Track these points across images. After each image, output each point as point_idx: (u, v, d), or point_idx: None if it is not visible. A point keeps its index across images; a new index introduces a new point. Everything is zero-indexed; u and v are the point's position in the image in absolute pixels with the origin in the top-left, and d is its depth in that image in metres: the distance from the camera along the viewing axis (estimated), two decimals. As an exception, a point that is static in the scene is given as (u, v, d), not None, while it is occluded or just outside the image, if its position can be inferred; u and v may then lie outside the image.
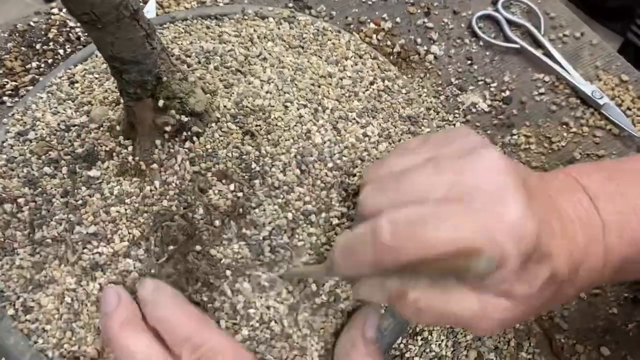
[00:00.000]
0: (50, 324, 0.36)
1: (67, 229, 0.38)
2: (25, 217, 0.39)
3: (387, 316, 0.38)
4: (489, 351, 0.43)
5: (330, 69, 0.46)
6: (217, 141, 0.39)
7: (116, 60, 0.34)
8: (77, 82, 0.47)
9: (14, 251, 0.39)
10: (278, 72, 0.44)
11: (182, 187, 0.37)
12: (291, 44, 0.48)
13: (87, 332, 0.36)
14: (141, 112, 0.38)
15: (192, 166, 0.38)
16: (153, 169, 0.38)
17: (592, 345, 0.45)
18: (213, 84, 0.42)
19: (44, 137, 0.42)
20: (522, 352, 0.44)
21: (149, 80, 0.36)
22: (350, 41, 0.49)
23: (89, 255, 0.37)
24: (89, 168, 0.40)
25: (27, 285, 0.37)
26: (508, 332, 0.44)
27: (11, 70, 0.60)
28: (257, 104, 0.41)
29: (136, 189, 0.38)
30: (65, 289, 0.37)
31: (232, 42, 0.47)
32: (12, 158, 0.42)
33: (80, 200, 0.39)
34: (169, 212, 0.37)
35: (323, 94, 0.43)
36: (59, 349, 0.36)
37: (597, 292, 0.47)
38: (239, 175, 0.38)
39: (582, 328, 0.45)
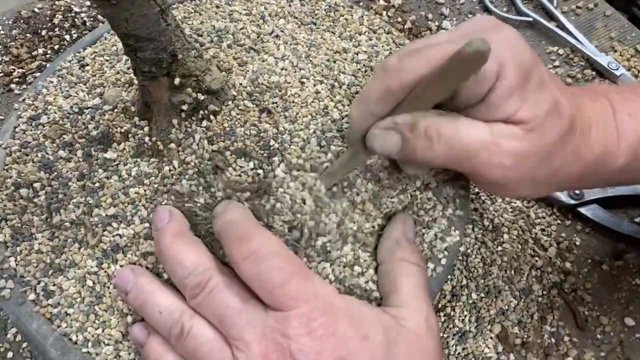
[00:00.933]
0: (72, 307, 0.36)
1: (86, 212, 0.37)
2: (42, 202, 0.39)
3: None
4: (512, 325, 0.43)
5: (344, 44, 0.45)
6: (234, 119, 0.38)
7: (130, 38, 0.34)
8: (87, 65, 0.46)
9: (32, 236, 0.38)
10: (292, 49, 0.43)
11: (201, 166, 0.37)
12: (303, 21, 0.47)
13: (110, 315, 0.35)
14: (157, 92, 0.37)
15: (210, 145, 0.37)
16: (171, 149, 0.37)
17: (616, 316, 0.44)
18: (227, 62, 0.41)
19: (57, 121, 0.42)
20: (546, 325, 0.44)
21: (164, 57, 0.35)
22: (364, 16, 0.48)
23: (109, 237, 0.36)
24: (104, 150, 0.39)
25: (48, 269, 0.37)
26: (532, 306, 0.44)
27: (17, 57, 0.59)
28: (273, 80, 0.40)
29: (154, 170, 0.37)
30: (87, 272, 0.36)
31: (243, 20, 0.46)
32: (26, 143, 0.42)
33: (98, 182, 0.38)
34: (190, 192, 0.36)
35: (339, 69, 0.42)
36: (82, 333, 0.36)
37: (619, 264, 0.46)
38: (258, 152, 0.37)
39: (605, 300, 0.45)
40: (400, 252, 0.35)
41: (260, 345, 0.30)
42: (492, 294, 0.44)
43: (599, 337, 0.43)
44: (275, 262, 0.31)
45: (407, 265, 0.35)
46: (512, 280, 0.45)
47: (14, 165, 0.41)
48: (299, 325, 0.30)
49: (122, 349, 0.35)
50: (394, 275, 0.35)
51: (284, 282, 0.30)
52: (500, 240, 0.46)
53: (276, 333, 0.30)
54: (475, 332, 0.42)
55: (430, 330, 0.33)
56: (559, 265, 0.46)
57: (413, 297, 0.34)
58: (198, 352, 0.31)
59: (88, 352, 0.35)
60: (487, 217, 0.47)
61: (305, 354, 0.29)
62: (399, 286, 0.34)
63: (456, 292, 0.43)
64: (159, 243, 0.33)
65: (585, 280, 0.46)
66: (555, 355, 0.42)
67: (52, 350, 0.35)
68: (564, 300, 0.45)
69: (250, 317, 0.31)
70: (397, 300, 0.34)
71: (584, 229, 0.48)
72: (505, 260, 0.45)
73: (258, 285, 0.31)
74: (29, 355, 0.44)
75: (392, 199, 0.38)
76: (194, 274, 0.32)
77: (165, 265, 0.34)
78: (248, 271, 0.31)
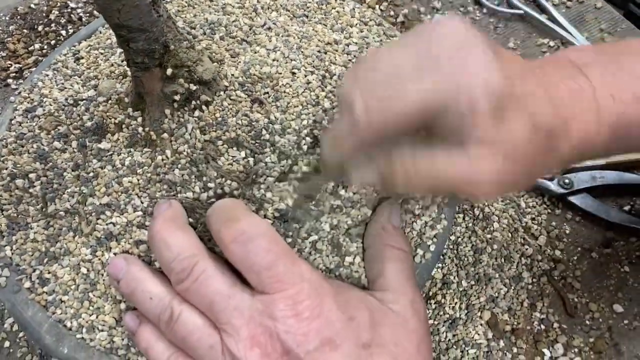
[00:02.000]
0: (67, 294, 0.37)
1: (80, 201, 0.38)
2: (37, 192, 0.39)
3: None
4: (502, 312, 0.44)
5: (336, 36, 0.45)
6: (226, 109, 0.39)
7: (123, 29, 0.34)
8: (82, 58, 0.47)
9: (28, 225, 0.39)
10: (284, 41, 0.44)
11: (194, 155, 0.37)
12: (295, 14, 0.48)
13: (104, 302, 0.36)
14: (149, 82, 0.38)
15: (202, 135, 0.38)
16: (164, 139, 0.38)
17: (605, 303, 0.45)
18: (219, 53, 0.42)
19: (52, 113, 0.43)
20: (535, 312, 0.44)
21: (157, 48, 0.36)
22: (355, 9, 0.49)
23: (103, 225, 0.37)
24: (99, 141, 0.40)
25: (43, 257, 0.38)
26: (521, 293, 0.45)
27: (14, 52, 0.60)
28: (265, 71, 0.41)
29: (148, 159, 0.38)
30: (81, 260, 0.37)
31: (236, 13, 0.47)
32: (22, 134, 0.42)
33: (92, 172, 0.39)
34: (183, 181, 0.37)
35: (330, 60, 0.43)
36: (77, 319, 0.36)
37: (608, 252, 0.47)
38: (250, 142, 0.38)
39: (594, 287, 0.45)
40: (386, 238, 0.36)
41: (249, 329, 0.31)
42: (483, 282, 0.44)
43: (588, 324, 0.44)
44: (263, 243, 0.31)
45: (393, 250, 0.36)
46: (502, 268, 0.45)
47: (9, 157, 0.41)
48: (286, 308, 0.30)
49: (115, 334, 0.36)
50: (379, 260, 0.36)
51: (271, 263, 0.31)
52: (491, 229, 0.46)
53: (263, 316, 0.31)
54: (466, 319, 0.43)
55: (416, 313, 0.34)
56: (548, 253, 0.47)
57: (398, 281, 0.35)
58: (188, 338, 0.32)
59: (82, 338, 0.36)
60: (477, 207, 0.47)
61: (292, 336, 0.30)
62: (384, 270, 0.35)
63: (447, 280, 0.44)
64: (151, 228, 0.34)
65: (574, 268, 0.46)
66: (544, 341, 0.43)
67: (47, 337, 0.36)
68: (553, 287, 0.45)
69: (237, 301, 0.31)
70: (383, 284, 0.35)
71: (573, 217, 0.49)
72: (495, 248, 0.46)
73: (245, 267, 0.32)
74: (25, 345, 0.45)
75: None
76: (180, 258, 0.32)
77: (153, 249, 0.34)
78: (236, 252, 0.31)
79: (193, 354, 0.32)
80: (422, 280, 0.39)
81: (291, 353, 0.30)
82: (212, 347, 0.31)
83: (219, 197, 0.36)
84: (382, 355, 0.31)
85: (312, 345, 0.30)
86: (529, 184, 0.32)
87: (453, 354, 0.42)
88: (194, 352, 0.32)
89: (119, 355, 0.35)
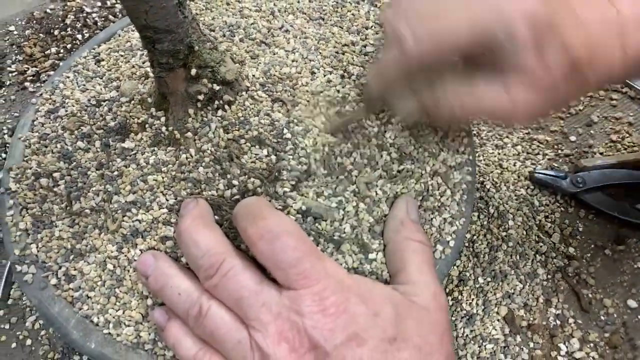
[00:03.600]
0: (93, 290, 0.37)
1: (105, 199, 0.39)
2: (62, 191, 0.40)
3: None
4: (518, 308, 0.44)
5: (352, 37, 0.46)
6: (248, 109, 0.39)
7: (149, 30, 0.35)
8: (102, 60, 0.48)
9: (53, 223, 0.40)
10: (302, 42, 0.45)
11: (217, 154, 0.38)
12: (311, 16, 0.49)
13: (130, 297, 0.37)
14: (173, 82, 0.38)
15: (225, 133, 0.38)
16: (187, 138, 0.39)
17: (619, 299, 0.45)
18: (240, 55, 0.43)
19: (75, 113, 0.43)
20: (551, 307, 0.45)
21: (181, 49, 0.37)
22: (370, 11, 0.50)
23: (128, 222, 0.38)
24: (122, 140, 0.41)
25: (68, 255, 0.38)
26: (537, 289, 0.45)
27: (31, 56, 0.61)
28: (285, 72, 0.42)
29: (172, 158, 0.39)
30: (107, 256, 0.38)
31: (253, 16, 0.48)
32: (45, 135, 0.43)
33: (116, 171, 0.39)
34: (207, 179, 0.37)
35: (348, 61, 0.44)
36: (103, 314, 0.37)
37: (621, 249, 0.48)
38: (272, 141, 0.38)
39: (608, 283, 0.46)
40: (405, 232, 0.37)
41: (276, 324, 0.31)
42: (499, 278, 0.45)
43: (603, 319, 0.45)
44: (290, 241, 0.32)
45: (412, 243, 0.36)
46: (517, 264, 0.46)
47: (33, 157, 0.42)
48: (312, 304, 0.31)
49: (142, 329, 0.36)
50: (400, 254, 0.36)
51: (298, 261, 0.32)
52: (506, 227, 0.47)
53: (291, 312, 0.31)
54: (483, 314, 0.43)
55: (438, 305, 0.34)
56: (562, 250, 0.47)
57: (420, 273, 0.35)
58: (216, 333, 0.32)
59: (109, 333, 0.36)
60: (492, 205, 0.48)
61: (319, 331, 0.31)
62: (405, 264, 0.36)
63: (463, 277, 0.45)
64: (179, 225, 0.35)
65: (588, 265, 0.47)
66: (560, 336, 0.44)
67: (74, 332, 0.37)
68: (568, 283, 0.46)
69: (265, 297, 0.32)
70: (405, 277, 0.35)
71: (586, 215, 0.50)
72: (510, 245, 0.46)
73: (272, 264, 0.32)
74: (47, 342, 0.45)
75: (396, 184, 0.39)
76: (208, 255, 0.33)
77: (182, 246, 0.35)
78: (263, 250, 0.32)
79: (221, 349, 0.33)
80: (442, 276, 0.39)
81: (318, 348, 0.30)
82: (240, 342, 0.32)
83: (243, 194, 0.37)
84: (407, 349, 0.32)
85: (339, 340, 0.31)
86: (556, 111, 0.34)
87: (471, 349, 0.42)
88: (222, 347, 0.32)
89: (146, 350, 0.36)
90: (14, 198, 0.41)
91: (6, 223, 0.40)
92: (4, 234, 0.41)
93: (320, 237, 0.36)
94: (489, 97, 0.32)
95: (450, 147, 0.42)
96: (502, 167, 0.52)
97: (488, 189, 0.49)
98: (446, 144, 0.42)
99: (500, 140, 0.54)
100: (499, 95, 0.31)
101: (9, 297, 0.47)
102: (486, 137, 0.54)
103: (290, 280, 0.32)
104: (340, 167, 0.38)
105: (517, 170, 0.52)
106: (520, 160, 0.52)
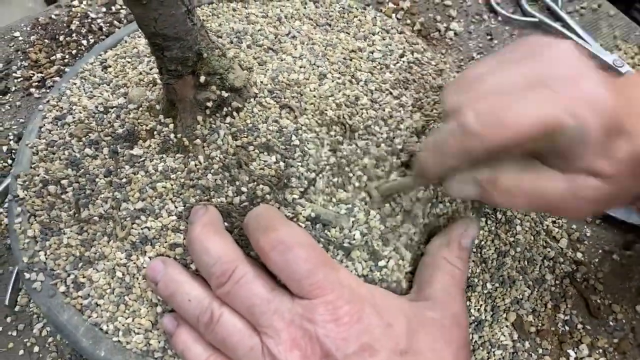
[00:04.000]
0: (102, 298, 0.37)
1: (114, 206, 0.39)
2: (70, 198, 0.40)
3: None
4: (527, 313, 0.44)
5: (359, 44, 0.46)
6: (256, 116, 0.39)
7: (158, 37, 0.35)
8: (109, 67, 0.48)
9: (61, 231, 0.39)
10: (309, 49, 0.45)
11: (226, 160, 0.38)
12: (318, 22, 0.49)
13: (140, 305, 0.37)
14: (182, 89, 0.38)
15: (234, 140, 0.38)
16: (196, 145, 0.39)
17: (627, 304, 0.45)
18: (247, 61, 0.43)
19: (83, 120, 0.43)
20: (559, 313, 0.45)
21: (190, 56, 0.37)
22: (377, 17, 0.50)
23: (137, 230, 0.38)
24: (130, 147, 0.41)
25: (77, 262, 0.38)
26: (545, 295, 0.45)
27: (36, 62, 0.61)
28: (292, 78, 0.42)
29: (181, 165, 0.39)
30: (116, 264, 0.37)
31: (260, 22, 0.48)
32: (52, 142, 0.43)
33: (125, 178, 0.39)
34: (216, 186, 0.37)
35: (355, 67, 0.44)
36: (113, 322, 0.37)
37: (629, 254, 0.48)
38: (280, 147, 0.38)
39: (616, 288, 0.46)
40: (448, 252, 0.37)
41: (289, 332, 0.31)
42: (507, 284, 0.45)
43: (612, 325, 0.45)
44: (302, 252, 0.32)
45: (448, 264, 0.36)
46: (525, 270, 0.46)
47: (40, 164, 0.42)
48: (325, 313, 0.31)
49: (152, 337, 0.36)
50: (432, 270, 0.36)
51: (311, 272, 0.32)
52: (513, 232, 0.47)
53: (303, 320, 0.31)
54: (491, 320, 0.43)
55: (456, 323, 0.34)
56: (570, 255, 0.47)
57: (445, 293, 0.35)
58: (228, 340, 0.32)
59: (119, 341, 0.36)
60: (500, 210, 0.48)
61: (332, 340, 0.31)
62: (434, 281, 0.36)
63: (471, 283, 0.44)
64: (189, 232, 0.35)
65: (596, 270, 0.47)
66: (569, 342, 0.43)
67: (84, 340, 0.37)
68: (576, 289, 0.46)
69: (277, 305, 0.32)
70: (429, 292, 0.35)
71: (594, 220, 0.49)
72: (518, 251, 0.46)
73: (285, 275, 0.32)
74: (54, 349, 0.45)
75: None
76: (220, 263, 0.33)
77: (193, 254, 0.35)
78: (276, 261, 0.32)
79: (232, 356, 0.33)
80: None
81: (330, 356, 0.30)
82: (253, 349, 0.32)
83: (252, 201, 0.37)
84: None
85: (351, 350, 0.31)
86: (618, 206, 0.33)
87: (480, 355, 0.42)
88: (234, 354, 0.32)
89: (155, 357, 0.36)
90: (22, 205, 0.41)
91: (14, 230, 0.40)
92: (12, 241, 0.41)
93: (330, 244, 0.36)
94: (552, 187, 0.30)
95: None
96: (509, 172, 0.51)
97: (495, 194, 0.49)
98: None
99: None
100: (565, 189, 0.30)
101: (16, 304, 0.47)
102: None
103: (304, 291, 0.32)
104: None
105: (524, 175, 0.52)
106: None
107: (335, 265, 0.33)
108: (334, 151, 0.39)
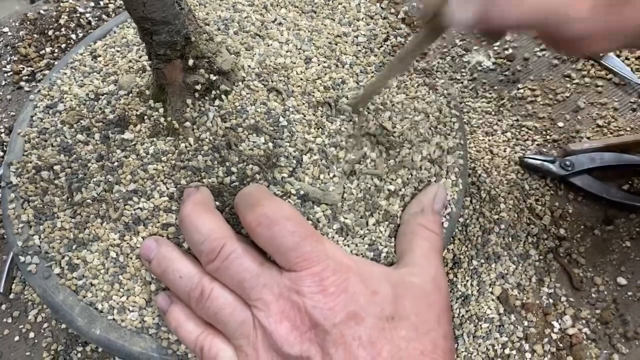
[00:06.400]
0: (97, 278, 0.38)
1: (106, 189, 0.39)
2: (63, 183, 0.41)
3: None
4: (512, 288, 0.45)
5: (344, 29, 0.47)
6: (245, 98, 0.40)
7: (147, 21, 0.36)
8: (99, 56, 0.48)
9: (54, 215, 0.40)
10: (295, 34, 0.46)
11: (216, 142, 0.39)
12: (303, 10, 0.50)
13: (134, 283, 0.37)
14: (171, 73, 0.39)
15: (223, 122, 0.39)
16: (186, 127, 0.39)
17: (609, 277, 0.47)
18: (235, 47, 0.44)
19: (74, 107, 0.44)
20: (543, 287, 0.46)
21: (178, 40, 0.37)
22: (361, 4, 0.51)
23: (130, 211, 0.38)
24: (121, 132, 0.41)
25: (71, 244, 0.39)
26: (529, 270, 0.46)
27: (26, 56, 0.61)
28: (279, 62, 0.43)
29: (171, 147, 0.39)
30: (110, 244, 0.38)
31: (247, 10, 0.49)
32: (44, 129, 0.44)
33: (117, 162, 0.40)
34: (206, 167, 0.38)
35: (340, 50, 0.45)
36: (107, 301, 0.37)
37: (610, 229, 0.49)
38: (268, 129, 0.39)
39: (598, 262, 0.47)
40: (423, 218, 0.38)
41: (278, 304, 0.32)
42: (492, 260, 0.46)
43: (594, 296, 0.46)
44: (288, 226, 0.33)
45: (425, 230, 0.37)
46: (510, 246, 0.47)
47: (33, 151, 0.43)
48: (312, 284, 0.32)
49: (146, 314, 0.37)
50: (410, 237, 0.37)
51: (297, 244, 0.32)
52: (497, 210, 0.48)
53: (292, 292, 0.32)
54: (477, 295, 0.45)
55: (437, 287, 0.35)
56: (553, 231, 0.49)
57: (424, 258, 0.36)
58: (220, 314, 0.33)
59: (114, 319, 0.37)
60: (484, 189, 0.49)
61: (320, 310, 0.31)
62: (413, 247, 0.37)
63: (457, 260, 0.46)
64: (181, 211, 0.35)
65: (578, 245, 0.48)
66: (553, 314, 0.45)
67: (79, 319, 0.37)
68: (559, 263, 0.47)
69: (267, 279, 0.33)
70: (409, 259, 0.36)
71: (575, 197, 0.51)
72: (502, 228, 0.48)
73: (272, 249, 0.33)
74: (50, 335, 0.46)
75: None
76: (209, 240, 0.34)
77: (184, 232, 0.35)
78: (262, 235, 0.33)
79: (224, 329, 0.34)
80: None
81: (318, 326, 0.31)
82: (244, 322, 0.33)
83: (242, 181, 0.38)
84: (404, 327, 0.33)
85: (338, 319, 0.31)
86: (618, 28, 0.33)
87: (467, 329, 0.43)
88: (225, 328, 0.33)
89: (150, 334, 0.37)
90: (15, 191, 0.41)
91: (8, 216, 0.41)
92: (6, 227, 0.41)
93: (319, 221, 0.37)
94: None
95: (442, 132, 0.43)
96: (493, 153, 0.53)
97: (479, 174, 0.50)
98: (438, 129, 0.43)
99: (490, 128, 0.55)
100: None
101: (11, 291, 0.48)
102: (476, 125, 0.55)
103: (291, 264, 0.33)
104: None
105: (507, 155, 0.53)
106: (510, 146, 0.54)
107: (321, 237, 0.34)
108: (321, 129, 0.40)
